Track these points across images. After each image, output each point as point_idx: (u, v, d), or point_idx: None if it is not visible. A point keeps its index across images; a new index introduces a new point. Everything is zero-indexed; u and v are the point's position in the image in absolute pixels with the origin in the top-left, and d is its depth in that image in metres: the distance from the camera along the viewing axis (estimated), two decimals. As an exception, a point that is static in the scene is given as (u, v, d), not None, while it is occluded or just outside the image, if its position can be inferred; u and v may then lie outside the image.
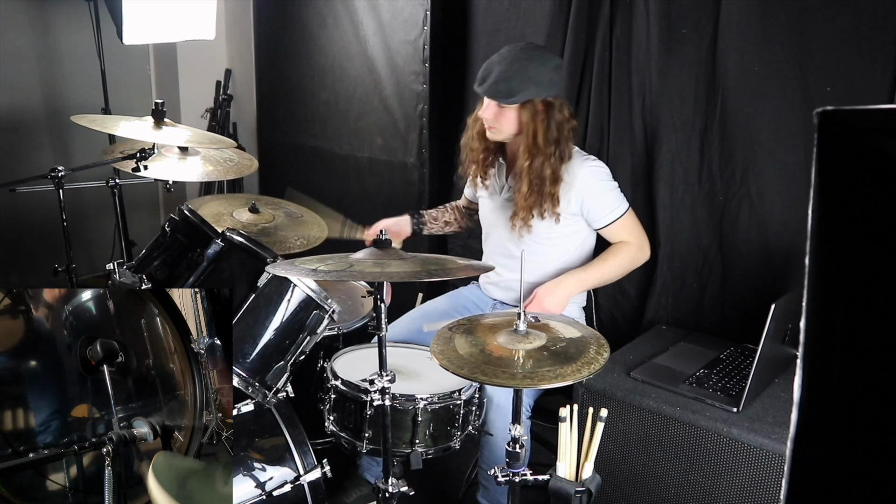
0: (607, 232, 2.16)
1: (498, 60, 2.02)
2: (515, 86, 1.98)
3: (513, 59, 2.00)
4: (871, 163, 0.54)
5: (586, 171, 2.09)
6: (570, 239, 2.18)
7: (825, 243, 0.55)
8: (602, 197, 2.12)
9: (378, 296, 1.61)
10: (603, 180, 2.12)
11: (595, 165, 2.13)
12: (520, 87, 1.98)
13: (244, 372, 1.80)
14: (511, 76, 1.98)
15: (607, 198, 2.12)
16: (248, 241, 1.97)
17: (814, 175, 0.54)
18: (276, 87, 3.72)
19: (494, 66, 2.01)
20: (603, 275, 2.15)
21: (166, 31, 3.11)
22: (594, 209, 2.12)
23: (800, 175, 2.09)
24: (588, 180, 2.09)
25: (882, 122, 0.52)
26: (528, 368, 1.42)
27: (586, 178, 2.09)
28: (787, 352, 1.92)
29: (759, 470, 1.66)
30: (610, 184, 2.14)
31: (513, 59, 2.00)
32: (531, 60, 1.99)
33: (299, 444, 1.82)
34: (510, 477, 1.60)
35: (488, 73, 2.02)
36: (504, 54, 2.02)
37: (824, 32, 1.96)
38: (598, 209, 2.12)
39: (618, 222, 2.13)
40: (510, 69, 1.98)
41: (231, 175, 2.47)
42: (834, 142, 0.53)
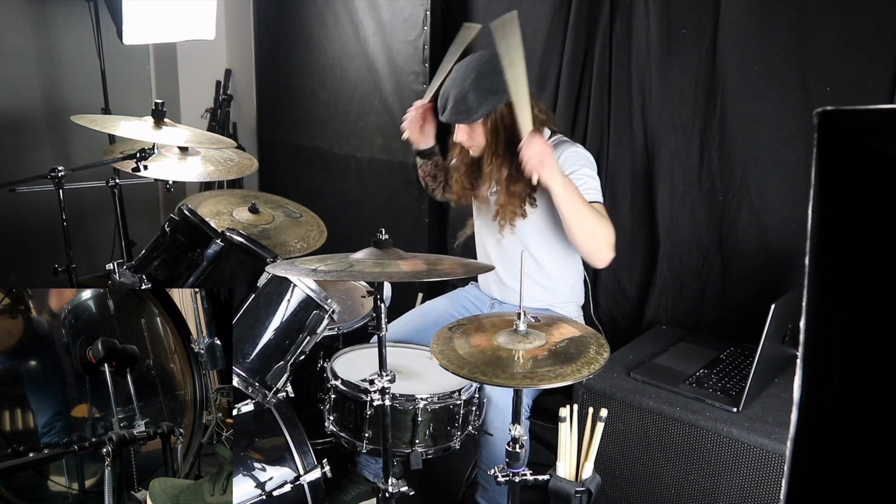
0: None
1: (450, 84, 2.01)
2: (473, 103, 1.96)
3: (463, 77, 1.98)
4: (871, 163, 0.54)
5: (570, 151, 2.04)
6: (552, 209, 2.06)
7: (825, 243, 0.55)
8: (583, 177, 2.01)
9: (378, 296, 1.60)
10: (587, 164, 2.05)
11: (581, 149, 2.07)
12: (478, 103, 1.96)
13: (244, 372, 1.80)
14: (465, 95, 1.96)
15: (588, 181, 2.02)
16: (248, 241, 1.98)
17: (814, 175, 0.54)
18: (276, 87, 3.72)
19: (449, 91, 2.00)
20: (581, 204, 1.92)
21: (166, 31, 3.11)
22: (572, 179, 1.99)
23: (800, 175, 2.09)
24: (569, 160, 2.02)
25: (882, 122, 0.52)
26: (528, 368, 1.42)
27: (568, 156, 2.03)
28: (787, 352, 1.92)
29: (759, 470, 1.66)
30: (592, 170, 2.05)
31: (463, 77, 1.98)
32: (480, 72, 1.96)
33: (299, 444, 1.82)
34: (510, 477, 1.60)
35: (445, 99, 2.01)
36: (454, 76, 2.01)
37: (824, 32, 1.96)
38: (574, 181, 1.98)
39: (595, 206, 1.98)
40: (463, 88, 1.96)
41: (231, 175, 2.47)
42: (834, 142, 0.53)
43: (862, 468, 0.58)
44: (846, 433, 0.58)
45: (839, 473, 0.59)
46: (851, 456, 0.58)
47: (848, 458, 0.58)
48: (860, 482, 0.58)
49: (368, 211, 3.32)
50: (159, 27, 3.01)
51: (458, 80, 1.99)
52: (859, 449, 0.58)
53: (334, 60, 3.31)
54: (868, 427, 0.57)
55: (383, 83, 3.10)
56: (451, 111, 2.00)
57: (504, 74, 1.91)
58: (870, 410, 0.57)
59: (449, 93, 2.01)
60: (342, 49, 3.26)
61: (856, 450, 0.58)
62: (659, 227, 2.36)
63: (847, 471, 0.58)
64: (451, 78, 2.03)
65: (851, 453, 0.58)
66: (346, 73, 3.27)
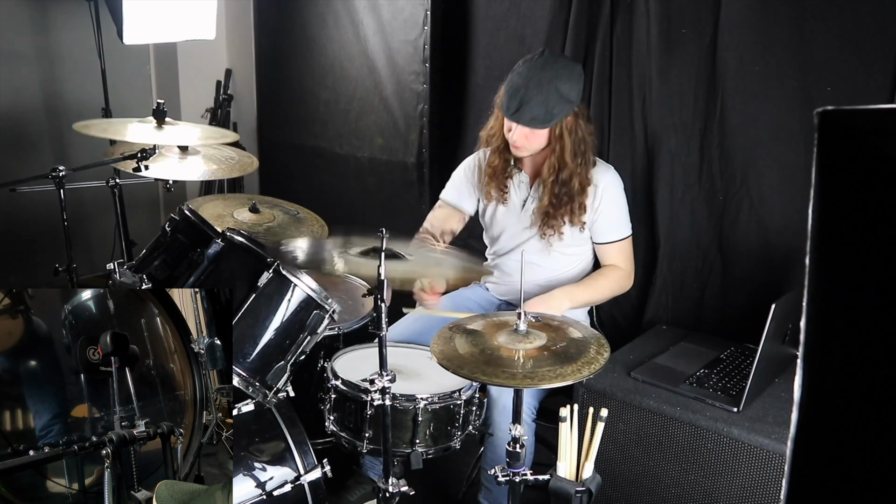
0: (606, 249, 2.14)
1: (524, 83, 1.90)
2: (552, 109, 1.90)
3: (541, 79, 1.89)
4: (871, 163, 0.54)
5: (612, 176, 2.10)
6: (589, 246, 2.19)
7: (825, 243, 0.55)
8: (617, 210, 2.12)
9: (378, 296, 1.60)
10: (623, 193, 2.13)
11: (617, 176, 2.13)
12: (556, 111, 1.91)
13: (244, 372, 1.80)
14: (546, 101, 1.89)
15: (620, 213, 2.13)
16: (248, 241, 1.97)
17: (814, 175, 0.54)
18: (276, 87, 3.72)
19: (525, 92, 1.89)
20: (593, 295, 2.15)
21: (166, 31, 3.11)
22: (606, 220, 2.10)
23: (800, 175, 2.09)
24: (613, 187, 2.09)
25: (882, 122, 0.52)
26: (528, 368, 1.42)
27: (612, 183, 2.09)
28: (787, 352, 1.92)
29: (759, 470, 1.66)
30: (625, 199, 2.14)
31: (541, 79, 1.89)
32: (560, 78, 1.89)
33: (299, 444, 1.82)
34: (510, 477, 1.60)
35: (520, 99, 1.90)
36: (529, 75, 1.90)
37: (824, 32, 1.96)
38: (609, 222, 2.10)
39: (620, 243, 2.13)
40: (543, 93, 1.88)
41: (232, 174, 2.47)
42: (834, 142, 0.53)
43: (862, 468, 0.58)
44: (846, 433, 0.58)
45: (839, 473, 0.59)
46: (851, 456, 0.58)
47: (848, 458, 0.58)
48: (860, 482, 0.58)
49: (368, 211, 3.32)
50: (159, 27, 3.01)
51: (534, 80, 1.89)
52: (859, 449, 0.58)
53: (334, 60, 3.31)
54: (868, 427, 0.57)
55: (383, 83, 3.10)
56: (526, 116, 1.92)
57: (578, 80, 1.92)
58: (870, 410, 0.57)
59: (523, 93, 1.90)
60: (342, 49, 3.26)
61: (856, 449, 0.58)
62: (659, 227, 2.36)
63: (847, 471, 0.58)
64: (521, 75, 1.92)
65: (851, 453, 0.58)
66: (346, 73, 3.27)
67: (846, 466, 0.58)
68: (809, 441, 0.57)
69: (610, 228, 2.12)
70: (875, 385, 0.57)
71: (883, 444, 0.57)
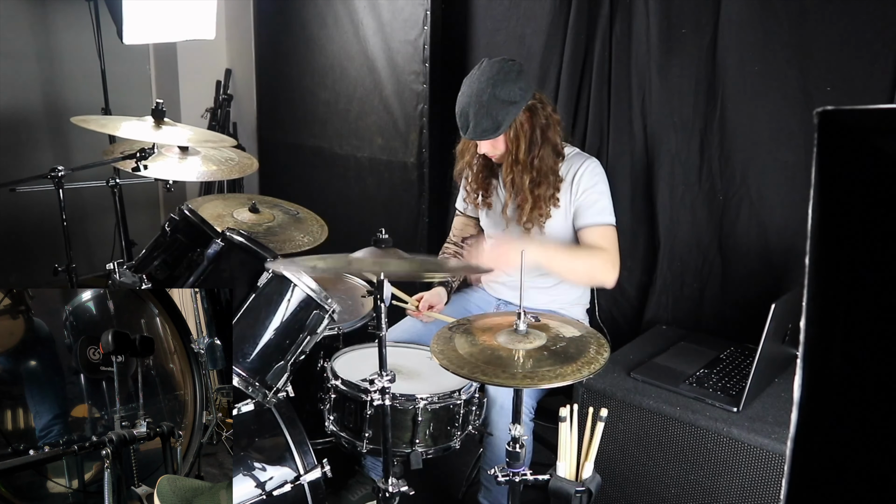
0: (588, 233, 2.06)
1: (467, 101, 1.96)
2: (496, 117, 1.94)
3: (479, 92, 1.93)
4: (871, 163, 0.54)
5: (588, 162, 2.09)
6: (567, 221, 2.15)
7: (825, 243, 0.55)
8: (596, 194, 2.08)
9: (378, 296, 1.60)
10: (604, 182, 2.11)
11: (597, 164, 2.12)
12: (501, 116, 1.94)
13: (244, 372, 1.80)
14: (488, 110, 1.93)
15: (602, 199, 2.09)
16: (248, 241, 1.97)
17: (814, 175, 0.54)
18: (276, 87, 3.72)
19: (467, 109, 1.96)
20: (568, 261, 2.02)
21: (166, 31, 3.11)
22: (587, 202, 2.07)
23: (800, 175, 2.09)
24: (589, 172, 2.08)
25: (882, 122, 0.52)
26: (528, 368, 1.42)
27: (588, 168, 2.08)
28: (787, 352, 1.92)
29: (759, 470, 1.66)
30: (607, 189, 2.11)
31: (479, 92, 1.93)
32: (496, 85, 1.93)
33: (299, 444, 1.82)
34: (510, 477, 1.60)
35: (466, 117, 1.97)
36: (469, 91, 1.96)
37: (824, 32, 1.96)
38: (590, 204, 2.06)
39: (600, 228, 2.06)
40: (482, 103, 1.93)
41: (231, 175, 2.47)
42: (834, 142, 0.53)
43: (862, 468, 0.58)
44: (846, 433, 0.58)
45: (839, 473, 0.59)
46: (851, 456, 0.58)
47: (848, 458, 0.58)
48: (860, 482, 0.58)
49: (368, 211, 3.32)
50: (159, 27, 3.01)
51: (474, 96, 1.94)
52: (859, 449, 0.58)
53: (334, 60, 3.31)
54: (868, 427, 0.57)
55: (383, 83, 3.10)
56: (474, 130, 1.97)
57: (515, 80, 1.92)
58: (869, 410, 0.57)
59: (468, 111, 1.96)
60: (342, 49, 3.26)
61: (856, 449, 0.58)
62: (659, 226, 2.36)
63: (847, 471, 0.58)
64: (463, 94, 1.99)
65: (851, 453, 0.58)
66: (346, 73, 3.27)
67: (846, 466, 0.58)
68: (809, 441, 0.57)
69: (587, 211, 2.06)
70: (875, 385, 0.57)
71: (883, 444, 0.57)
